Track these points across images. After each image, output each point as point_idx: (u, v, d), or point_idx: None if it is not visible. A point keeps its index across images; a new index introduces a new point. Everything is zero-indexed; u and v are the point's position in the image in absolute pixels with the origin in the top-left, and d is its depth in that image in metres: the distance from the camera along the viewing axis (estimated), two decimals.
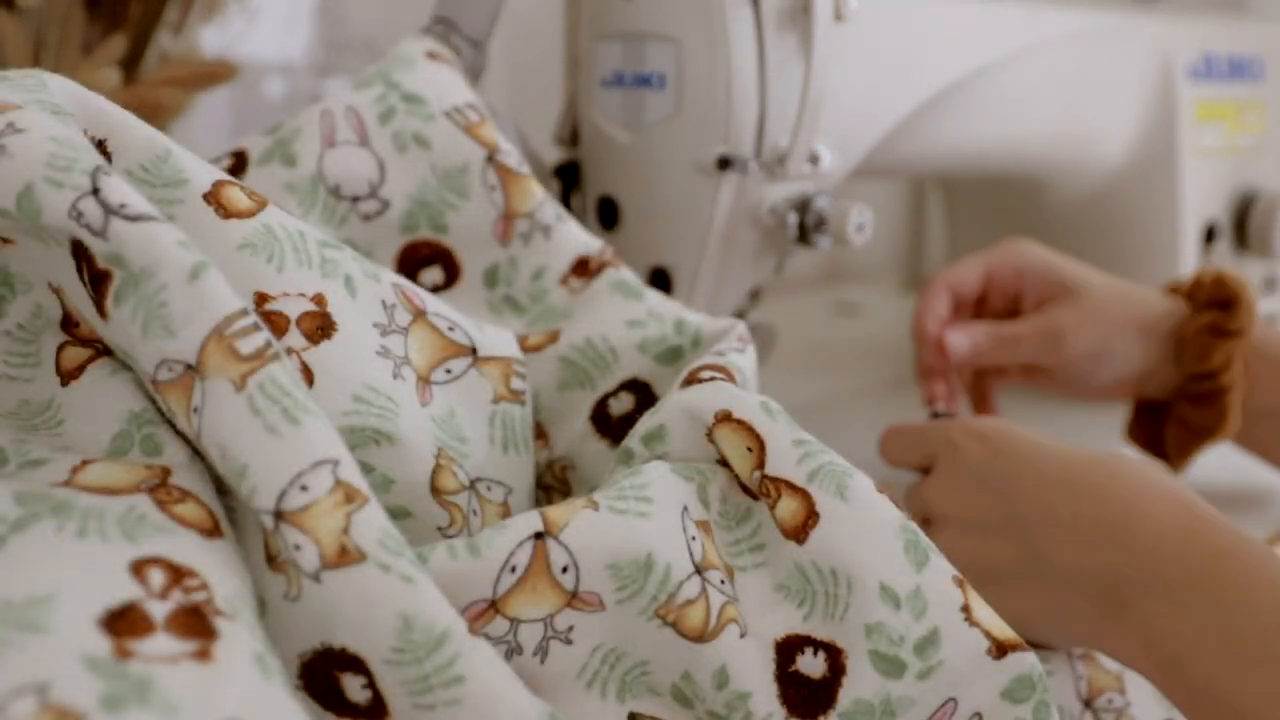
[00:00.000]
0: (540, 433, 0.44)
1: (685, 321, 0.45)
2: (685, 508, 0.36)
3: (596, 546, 0.34)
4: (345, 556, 0.29)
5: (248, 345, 0.31)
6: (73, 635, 0.26)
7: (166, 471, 0.32)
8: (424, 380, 0.39)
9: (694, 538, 0.35)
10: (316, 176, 0.45)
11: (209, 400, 0.30)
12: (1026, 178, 0.75)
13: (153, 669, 0.26)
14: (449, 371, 0.40)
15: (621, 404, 0.44)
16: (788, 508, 0.36)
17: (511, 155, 0.47)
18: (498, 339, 0.42)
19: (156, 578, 0.28)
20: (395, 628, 0.29)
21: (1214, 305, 0.58)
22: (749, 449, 0.37)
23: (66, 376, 0.35)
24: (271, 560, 0.31)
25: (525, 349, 0.44)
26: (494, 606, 0.33)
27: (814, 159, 0.55)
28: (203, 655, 0.26)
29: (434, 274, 0.46)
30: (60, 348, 0.35)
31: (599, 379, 0.44)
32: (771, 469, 0.37)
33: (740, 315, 0.59)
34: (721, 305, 0.57)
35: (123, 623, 0.26)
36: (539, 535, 0.33)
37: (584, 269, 0.47)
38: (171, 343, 0.31)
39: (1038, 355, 0.59)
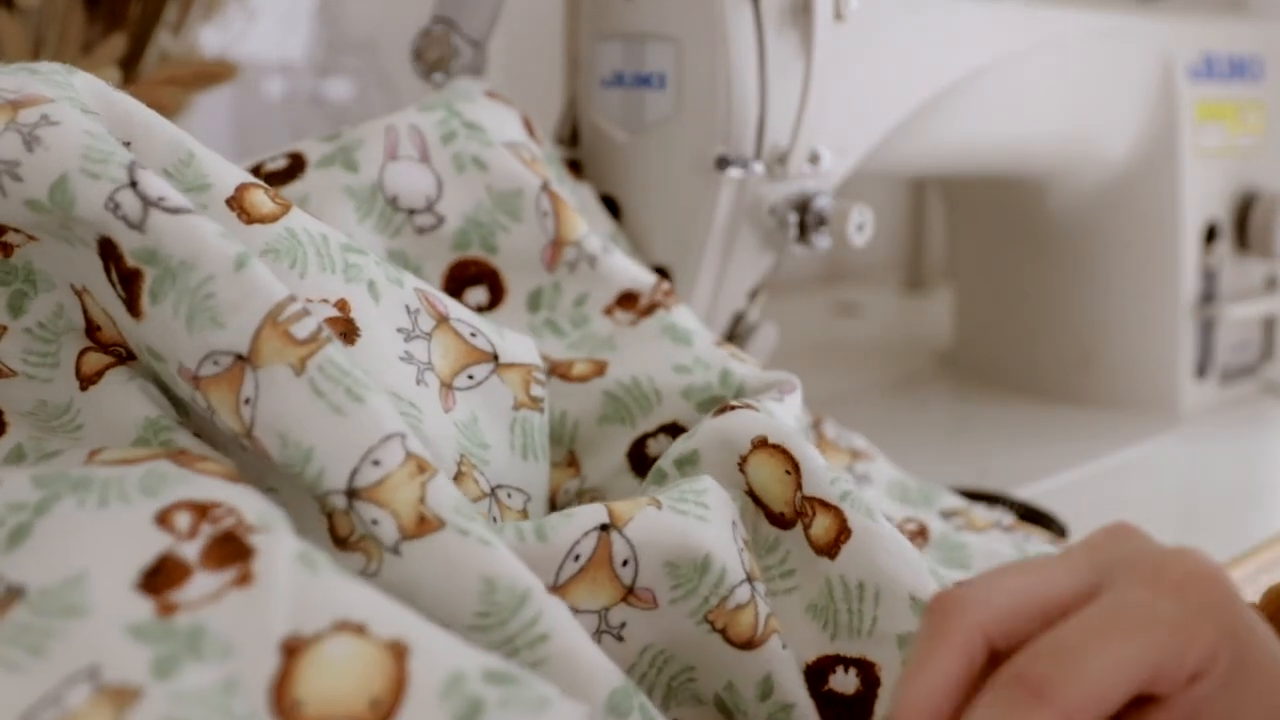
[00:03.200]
0: (572, 460, 0.45)
1: (731, 372, 0.45)
2: (734, 522, 0.37)
3: (658, 542, 0.34)
4: (424, 525, 0.29)
5: (302, 330, 0.31)
6: (113, 608, 0.25)
7: (186, 449, 0.32)
8: (447, 386, 0.40)
9: (742, 549, 0.36)
10: (376, 185, 0.45)
11: (265, 388, 0.30)
12: (1027, 178, 0.75)
13: (199, 615, 0.26)
14: (471, 378, 0.40)
15: (660, 445, 0.44)
16: (822, 524, 0.37)
17: (564, 187, 0.47)
18: (518, 346, 0.42)
19: (182, 520, 0.28)
20: (479, 590, 0.29)
21: None
22: (788, 472, 0.38)
23: (86, 381, 0.35)
24: (342, 542, 0.31)
25: (571, 378, 0.45)
26: (554, 593, 0.33)
27: (814, 159, 0.55)
28: (244, 580, 0.26)
29: (479, 294, 0.47)
30: (82, 353, 0.35)
31: (640, 418, 0.44)
32: (808, 489, 0.38)
33: (740, 315, 0.59)
34: (721, 305, 0.57)
35: (160, 578, 0.26)
36: (604, 527, 0.34)
37: (630, 302, 0.47)
38: (221, 334, 0.31)
39: None
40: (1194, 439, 0.69)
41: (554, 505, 0.44)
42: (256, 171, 0.45)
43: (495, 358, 0.41)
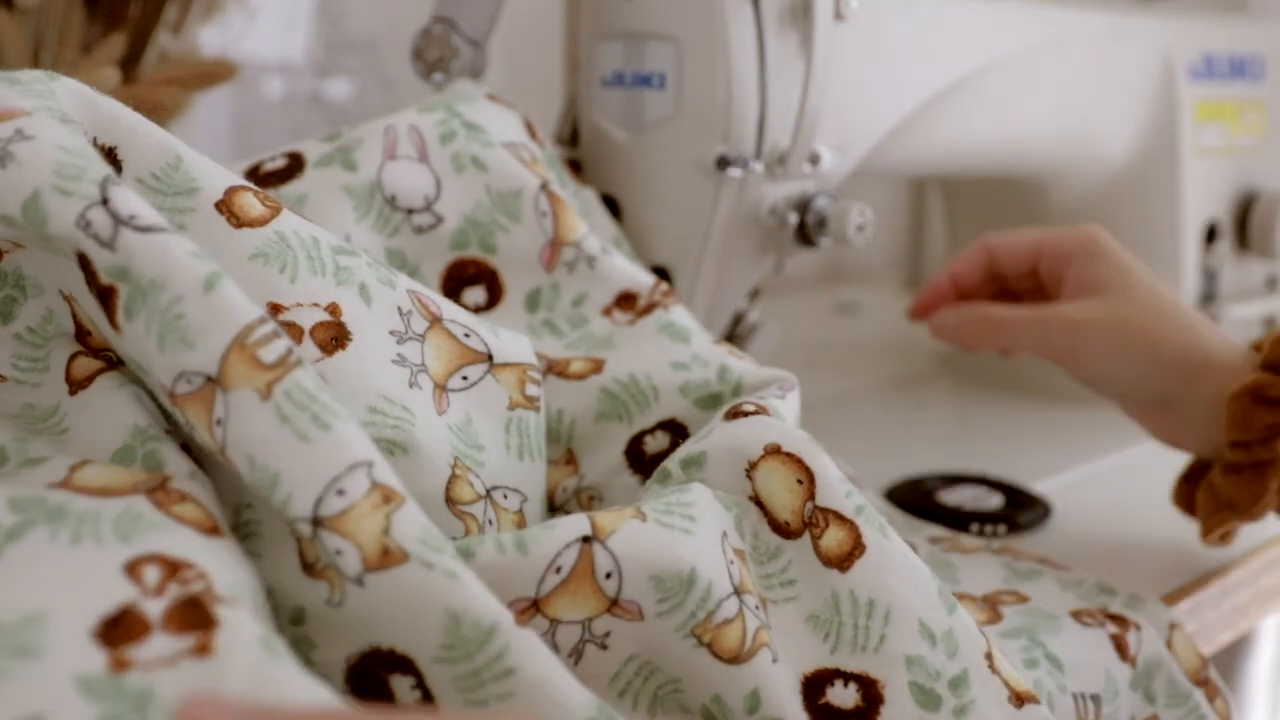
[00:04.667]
0: (570, 459, 0.44)
1: (729, 369, 0.45)
2: (724, 533, 0.36)
3: (642, 556, 0.34)
4: (388, 557, 0.29)
5: (270, 353, 0.30)
6: (66, 655, 0.25)
7: (167, 479, 0.32)
8: (440, 388, 0.39)
9: (731, 562, 0.36)
10: (375, 184, 0.45)
11: (234, 411, 0.30)
12: (1027, 178, 0.75)
13: (151, 677, 0.25)
14: (465, 379, 0.40)
15: (658, 442, 0.44)
16: (834, 537, 0.37)
17: (564, 189, 0.47)
18: (513, 345, 0.42)
19: (151, 574, 0.28)
20: (443, 624, 0.29)
21: (1273, 366, 0.49)
22: (799, 481, 0.38)
23: (75, 386, 0.35)
24: (309, 567, 0.31)
25: (568, 376, 0.45)
26: (535, 605, 0.33)
27: (814, 159, 0.55)
28: (202, 650, 0.26)
29: (477, 294, 0.46)
30: (72, 357, 0.35)
31: (637, 415, 0.44)
32: (822, 500, 0.38)
33: (740, 315, 0.59)
34: (721, 305, 0.57)
35: (118, 630, 0.26)
36: (586, 539, 0.33)
37: (629, 303, 0.47)
38: (190, 355, 0.30)
39: (1027, 346, 0.54)
40: None
41: (552, 504, 0.44)
42: (256, 171, 0.45)
43: (489, 358, 0.41)
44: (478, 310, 0.46)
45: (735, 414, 0.40)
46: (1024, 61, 0.66)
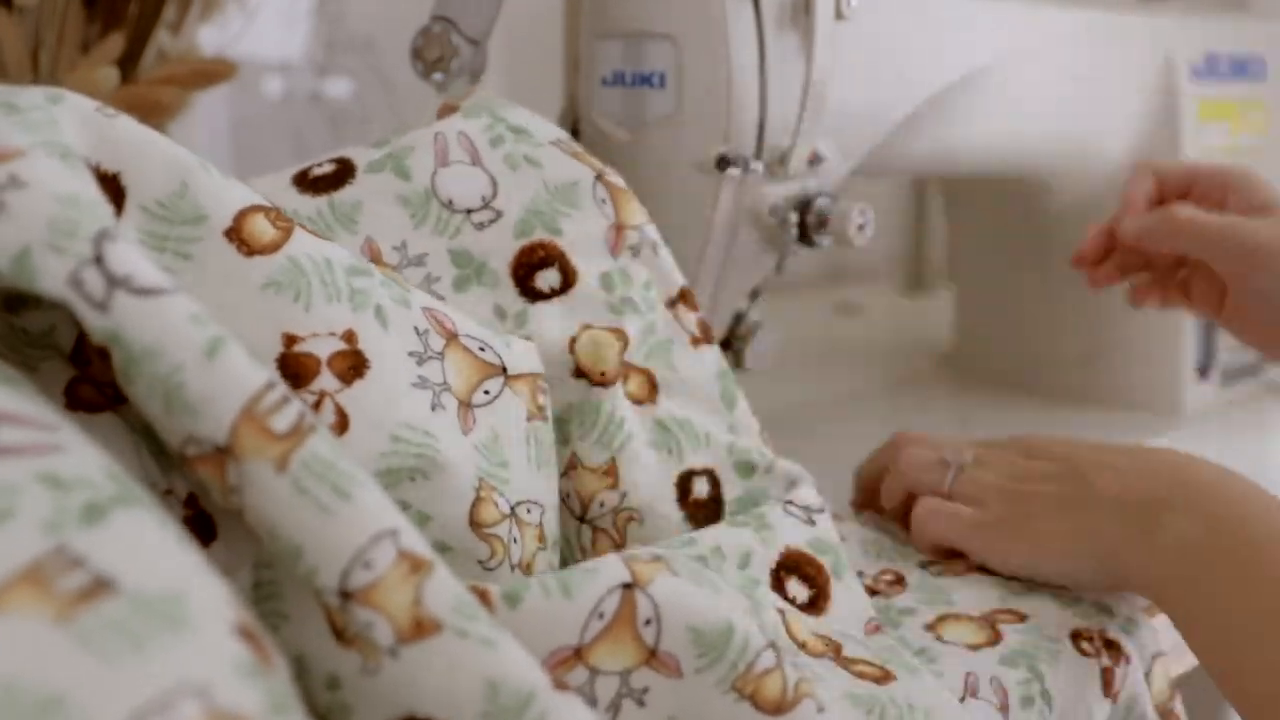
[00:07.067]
0: (610, 469, 0.44)
1: (764, 453, 0.47)
2: (749, 608, 0.37)
3: (681, 605, 0.34)
4: (421, 629, 0.28)
5: (282, 421, 0.29)
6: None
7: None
8: (466, 405, 0.39)
9: (761, 624, 0.37)
10: (429, 191, 0.45)
11: (249, 483, 0.29)
12: (1028, 177, 0.75)
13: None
14: (487, 393, 0.40)
15: (703, 487, 0.45)
16: (867, 671, 0.39)
17: (619, 177, 0.48)
18: (524, 356, 0.42)
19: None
20: (481, 693, 0.28)
21: None
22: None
23: (77, 404, 0.33)
24: (339, 635, 0.30)
25: (628, 396, 0.45)
26: (577, 654, 0.32)
27: (815, 158, 0.55)
28: None
29: (551, 276, 0.46)
30: (74, 381, 0.34)
31: (688, 454, 0.45)
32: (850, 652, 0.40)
33: (740, 315, 0.59)
34: (721, 305, 0.57)
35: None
36: (627, 586, 0.33)
37: (689, 301, 0.48)
38: (198, 422, 0.29)
39: (1213, 251, 0.56)
40: (1196, 439, 0.69)
41: (584, 515, 0.44)
42: (304, 176, 0.45)
43: (504, 370, 0.41)
44: (554, 293, 0.45)
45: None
46: (1025, 61, 0.66)
